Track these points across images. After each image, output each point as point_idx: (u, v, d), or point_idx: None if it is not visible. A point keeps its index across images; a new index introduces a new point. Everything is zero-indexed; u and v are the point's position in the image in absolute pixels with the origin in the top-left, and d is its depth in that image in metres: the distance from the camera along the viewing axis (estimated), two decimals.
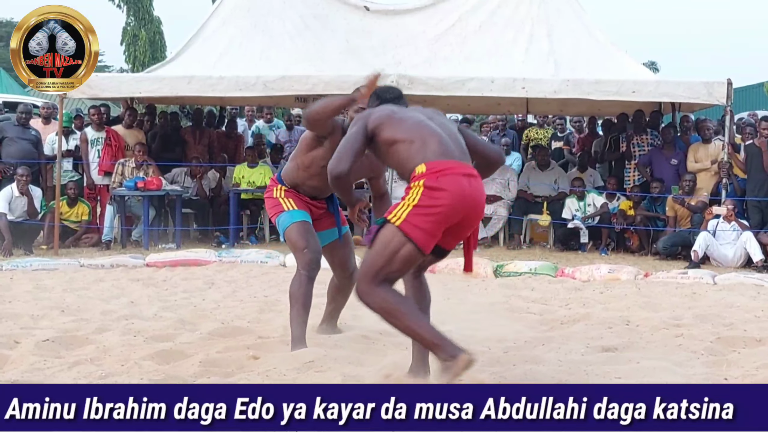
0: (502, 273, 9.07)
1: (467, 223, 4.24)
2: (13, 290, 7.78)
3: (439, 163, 4.13)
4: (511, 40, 12.28)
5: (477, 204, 4.21)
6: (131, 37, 28.52)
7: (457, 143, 4.29)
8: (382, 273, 4.14)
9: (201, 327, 6.08)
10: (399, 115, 4.38)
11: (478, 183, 4.22)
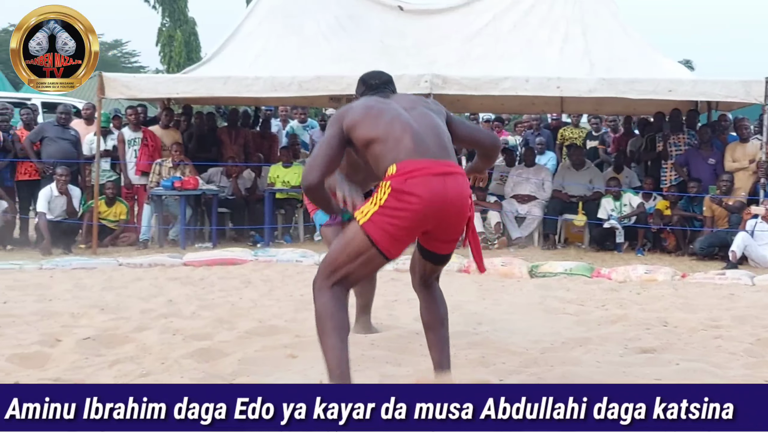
0: (537, 273, 9.05)
1: (450, 223, 4.00)
2: (54, 289, 7.87)
3: (410, 163, 3.90)
4: (545, 39, 12.24)
5: (452, 203, 3.93)
6: (167, 38, 28.73)
7: (436, 138, 4.03)
8: (340, 272, 3.99)
9: (238, 326, 6.12)
10: (375, 110, 4.10)
11: (454, 181, 3.95)
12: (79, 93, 28.73)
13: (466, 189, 4.01)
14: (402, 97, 4.31)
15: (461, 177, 4.00)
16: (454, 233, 4.07)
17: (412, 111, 4.12)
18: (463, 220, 4.03)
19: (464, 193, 3.99)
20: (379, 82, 4.45)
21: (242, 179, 12.66)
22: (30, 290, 7.74)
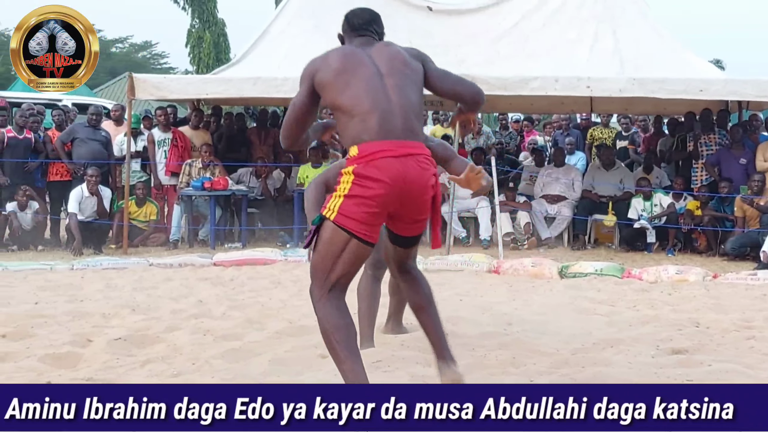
0: (568, 274, 9.00)
1: (412, 204, 3.92)
2: (85, 289, 7.93)
3: (372, 145, 3.83)
4: (575, 38, 12.18)
5: (414, 184, 3.86)
6: (196, 39, 28.86)
7: (404, 116, 3.90)
8: (333, 275, 3.93)
9: (268, 326, 6.14)
10: (349, 72, 3.96)
11: (415, 162, 3.86)
12: (109, 94, 29.00)
13: (428, 169, 3.93)
14: (383, 49, 4.11)
15: (423, 157, 3.92)
16: (418, 214, 4.00)
17: (389, 78, 3.98)
18: (426, 200, 3.96)
19: (426, 174, 3.91)
20: (362, 22, 4.26)
21: (271, 179, 12.69)
22: (61, 290, 7.80)
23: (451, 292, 7.77)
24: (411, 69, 4.05)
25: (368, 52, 4.08)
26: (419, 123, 3.98)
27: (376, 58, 4.04)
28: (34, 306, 6.95)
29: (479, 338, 5.67)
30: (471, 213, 12.22)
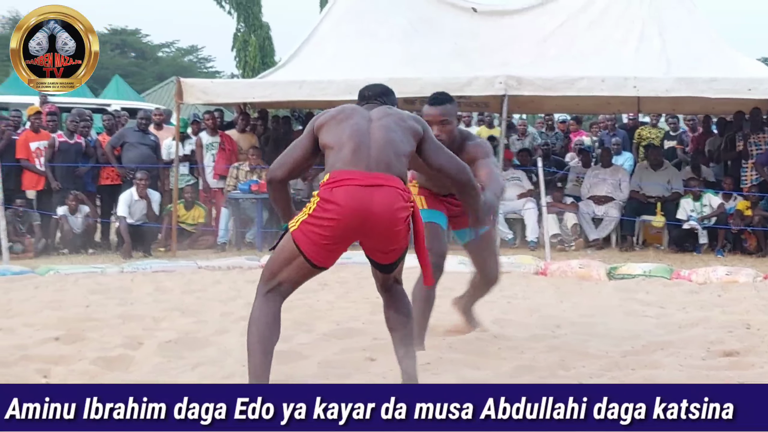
0: (616, 275, 8.94)
1: (379, 235, 4.03)
2: (135, 292, 8.01)
3: (341, 173, 3.98)
4: (621, 38, 12.11)
5: (378, 215, 3.95)
6: (241, 42, 29.02)
7: (380, 150, 4.03)
8: (275, 279, 4.15)
9: (316, 328, 6.16)
10: (341, 116, 4.17)
11: (382, 193, 3.96)
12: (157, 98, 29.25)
13: (395, 202, 3.99)
14: (383, 108, 4.27)
15: (392, 190, 3.99)
16: (389, 245, 4.08)
17: (377, 121, 4.13)
18: (395, 233, 4.03)
19: (393, 206, 3.98)
20: (371, 94, 4.41)
21: (317, 182, 12.73)
22: (112, 294, 7.89)
23: (498, 294, 7.72)
24: (404, 123, 4.18)
25: (368, 108, 4.28)
26: (398, 160, 4.07)
27: (375, 112, 4.23)
28: (86, 309, 7.04)
29: (527, 341, 5.66)
30: (517, 215, 12.20)
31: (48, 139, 11.87)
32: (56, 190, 11.71)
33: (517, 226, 12.29)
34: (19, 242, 11.21)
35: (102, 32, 43.16)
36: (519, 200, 11.89)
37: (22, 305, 7.21)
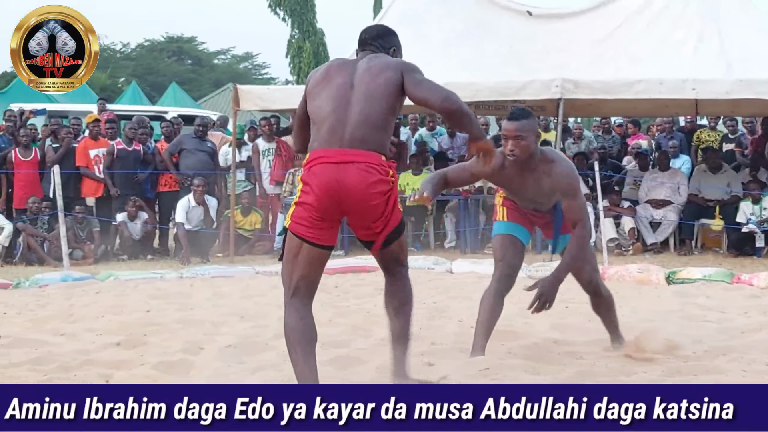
0: (675, 280, 8.84)
1: (354, 211, 4.09)
2: (194, 297, 8.09)
3: (316, 152, 4.07)
4: (679, 40, 11.95)
5: (350, 191, 4.00)
6: (296, 49, 29.20)
7: (356, 125, 4.05)
8: (293, 281, 4.16)
9: (374, 333, 6.16)
10: (325, 81, 4.19)
11: (354, 169, 4.00)
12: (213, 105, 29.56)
13: (367, 177, 4.02)
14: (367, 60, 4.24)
15: (365, 165, 4.02)
16: (365, 220, 4.14)
17: (357, 88, 4.12)
18: (371, 207, 4.07)
19: (365, 181, 4.01)
20: (366, 37, 4.41)
21: None
22: (171, 299, 7.97)
23: (557, 298, 7.69)
24: (381, 79, 4.15)
25: (357, 63, 4.26)
26: (375, 132, 4.09)
27: (358, 68, 4.22)
28: (146, 314, 7.12)
29: (587, 345, 5.61)
30: None
31: (107, 146, 12.04)
32: (115, 196, 11.87)
33: None
34: (79, 248, 11.40)
35: (158, 40, 43.78)
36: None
37: (83, 310, 7.32)
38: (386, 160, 4.11)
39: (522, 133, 4.87)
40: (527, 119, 4.92)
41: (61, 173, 10.67)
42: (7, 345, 5.87)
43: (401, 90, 4.16)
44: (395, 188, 4.14)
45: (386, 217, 4.13)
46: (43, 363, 5.32)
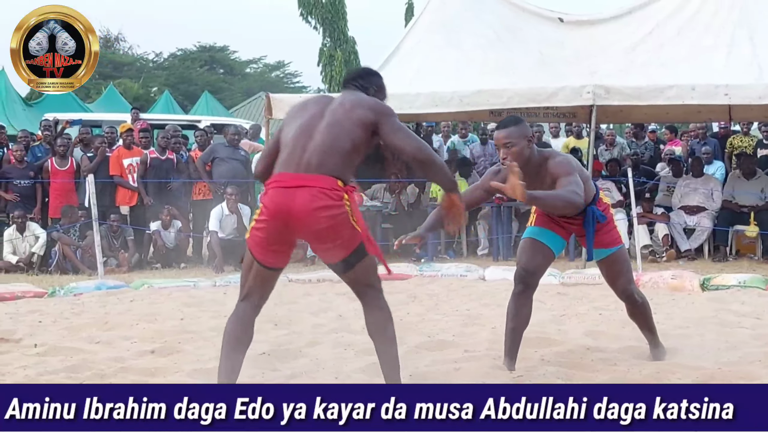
0: (710, 286, 8.77)
1: (306, 234, 4.18)
2: (228, 305, 8.03)
3: (274, 176, 4.20)
4: (711, 45, 11.88)
5: (297, 215, 4.08)
6: (327, 57, 29.27)
7: (314, 152, 4.13)
8: (244, 289, 4.32)
9: (407, 340, 6.17)
10: (297, 114, 4.34)
11: (303, 193, 4.08)
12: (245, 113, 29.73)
13: (315, 201, 4.08)
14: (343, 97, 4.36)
15: (314, 190, 4.09)
16: (320, 242, 4.23)
17: (326, 119, 4.22)
18: (320, 231, 4.13)
19: (311, 206, 4.07)
20: (347, 77, 4.56)
21: (405, 195, 12.80)
22: (205, 306, 8.02)
23: (590, 306, 7.69)
24: (353, 114, 4.22)
25: (334, 98, 4.40)
26: (333, 158, 4.14)
27: (333, 102, 4.34)
28: (180, 322, 7.16)
29: (620, 352, 5.60)
30: None
31: (140, 155, 12.14)
32: (149, 205, 11.96)
33: None
34: (113, 257, 11.49)
35: (191, 49, 44.07)
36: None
37: (118, 318, 7.38)
38: (344, 185, 4.15)
39: (511, 140, 4.86)
40: (516, 126, 4.91)
41: (95, 182, 10.76)
42: (43, 353, 5.93)
43: (371, 131, 4.24)
44: (356, 213, 4.18)
45: (340, 241, 4.17)
46: (79, 370, 5.37)
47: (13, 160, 12.15)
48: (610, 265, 5.21)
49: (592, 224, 5.09)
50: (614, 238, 5.18)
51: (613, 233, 5.18)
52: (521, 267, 5.21)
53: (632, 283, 5.31)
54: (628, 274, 5.26)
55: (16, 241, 11.45)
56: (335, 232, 4.14)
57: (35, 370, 5.37)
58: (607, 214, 5.16)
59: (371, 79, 4.54)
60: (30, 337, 6.50)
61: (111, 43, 43.80)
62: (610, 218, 5.16)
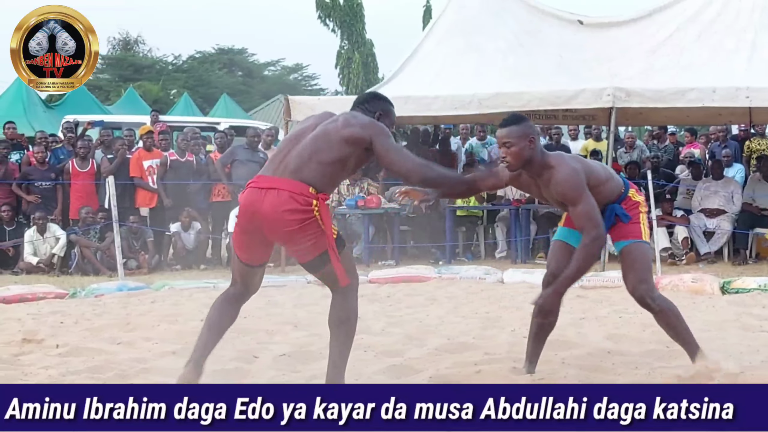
0: (730, 289, 8.73)
1: (272, 234, 4.37)
2: (247, 306, 8.09)
3: (254, 177, 4.48)
4: (732, 48, 11.82)
5: (266, 215, 4.29)
6: (345, 60, 29.34)
7: (292, 158, 4.36)
8: (233, 276, 4.64)
9: (428, 342, 6.18)
10: (300, 124, 4.72)
11: (273, 195, 4.28)
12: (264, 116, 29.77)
13: (284, 204, 4.27)
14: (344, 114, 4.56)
15: (284, 193, 4.28)
16: (289, 245, 4.49)
17: (317, 130, 4.45)
18: (287, 233, 4.33)
19: (279, 208, 4.27)
20: (356, 101, 4.79)
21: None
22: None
23: (610, 309, 7.67)
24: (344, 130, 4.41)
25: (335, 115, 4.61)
26: (310, 165, 4.34)
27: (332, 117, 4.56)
28: (201, 323, 7.09)
29: (642, 356, 5.59)
30: None
31: (160, 157, 12.19)
32: (168, 207, 12.00)
33: None
34: (133, 258, 11.54)
35: (209, 52, 44.19)
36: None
37: (140, 319, 7.42)
38: (316, 193, 4.30)
39: (509, 140, 4.69)
40: (517, 125, 4.75)
41: (115, 184, 10.81)
42: (65, 353, 5.97)
43: (364, 147, 4.42)
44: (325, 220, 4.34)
45: (307, 245, 4.35)
46: (101, 371, 5.41)
47: (35, 161, 12.23)
48: (623, 258, 4.93)
49: (610, 222, 4.89)
50: (631, 231, 4.89)
51: (633, 227, 4.90)
52: (549, 272, 5.04)
53: (645, 283, 4.88)
54: (642, 273, 4.89)
55: (37, 243, 11.52)
56: (301, 236, 4.32)
57: (58, 370, 5.41)
58: (633, 212, 4.90)
59: (377, 103, 4.71)
60: (52, 337, 6.54)
61: (131, 46, 43.98)
62: (635, 216, 4.91)
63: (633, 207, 4.94)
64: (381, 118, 4.62)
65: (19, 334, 6.62)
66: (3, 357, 5.87)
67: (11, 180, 12.17)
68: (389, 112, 4.71)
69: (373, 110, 4.63)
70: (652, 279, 4.94)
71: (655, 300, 4.90)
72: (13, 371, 5.40)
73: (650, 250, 4.96)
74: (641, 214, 4.95)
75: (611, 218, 4.91)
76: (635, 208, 4.94)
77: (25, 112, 18.46)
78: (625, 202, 4.92)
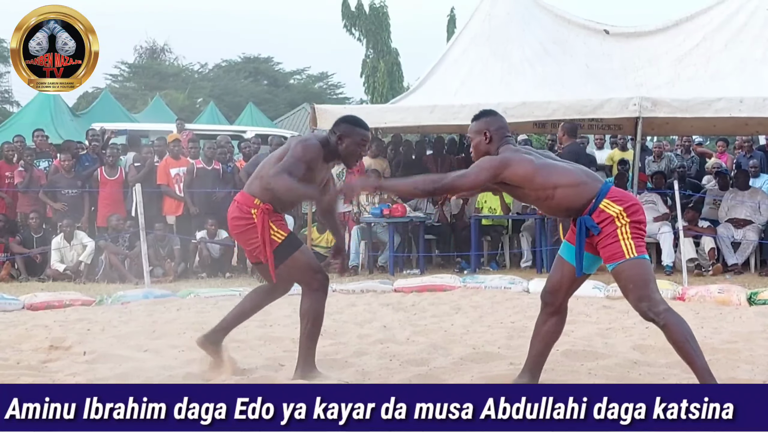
0: (757, 301, 8.67)
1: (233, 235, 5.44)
2: (273, 314, 8.14)
3: None
4: (759, 57, 11.79)
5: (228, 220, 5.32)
6: (370, 68, 29.40)
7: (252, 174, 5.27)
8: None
9: (453, 352, 6.17)
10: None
11: (232, 204, 5.23)
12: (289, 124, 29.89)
13: (232, 212, 5.21)
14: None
15: (235, 203, 5.21)
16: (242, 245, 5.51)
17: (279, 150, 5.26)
18: (236, 236, 5.35)
19: (230, 215, 5.23)
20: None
21: (448, 206, 12.80)
22: (252, 316, 8.04)
23: (636, 319, 7.55)
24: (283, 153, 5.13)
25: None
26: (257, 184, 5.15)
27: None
28: None
29: (669, 367, 5.55)
30: (652, 239, 11.94)
31: (187, 165, 12.24)
32: (194, 215, 12.05)
33: (651, 250, 12.03)
34: (159, 266, 11.59)
35: (235, 60, 44.40)
36: (654, 224, 11.66)
37: (166, 327, 7.45)
38: (261, 203, 5.06)
39: (469, 134, 4.89)
40: (476, 121, 4.78)
41: (142, 192, 10.87)
42: (92, 360, 6.01)
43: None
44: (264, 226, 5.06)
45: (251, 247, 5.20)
46: (128, 378, 5.42)
47: (62, 169, 12.31)
48: (617, 281, 4.65)
49: (582, 235, 4.66)
50: (613, 253, 4.56)
51: (613, 247, 4.56)
52: (544, 289, 4.95)
53: (645, 300, 4.53)
54: (638, 291, 4.55)
55: (64, 250, 11.60)
56: (244, 239, 5.21)
57: (85, 377, 5.44)
58: (606, 226, 4.58)
59: (339, 126, 5.20)
60: (79, 344, 6.57)
61: (157, 54, 44.26)
62: (610, 232, 4.56)
63: (606, 220, 4.60)
64: (342, 138, 5.13)
65: (47, 341, 6.66)
66: (31, 364, 5.91)
67: (38, 188, 12.27)
68: (351, 134, 5.15)
69: (335, 132, 5.17)
70: (653, 293, 4.55)
71: (660, 314, 4.51)
72: (41, 378, 5.43)
73: (643, 263, 4.56)
74: (619, 228, 4.57)
75: (583, 231, 4.66)
76: (609, 222, 4.59)
77: (52, 121, 18.63)
78: (596, 214, 4.62)
